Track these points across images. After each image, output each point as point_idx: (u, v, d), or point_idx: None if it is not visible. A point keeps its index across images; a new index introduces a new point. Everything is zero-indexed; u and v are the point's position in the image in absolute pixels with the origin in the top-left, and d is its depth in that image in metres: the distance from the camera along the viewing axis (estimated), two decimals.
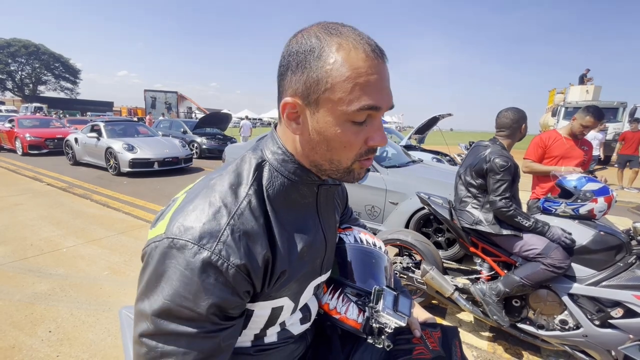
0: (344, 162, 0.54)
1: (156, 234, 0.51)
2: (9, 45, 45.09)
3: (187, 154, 8.13)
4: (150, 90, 27.26)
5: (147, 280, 0.49)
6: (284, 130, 0.57)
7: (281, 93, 0.54)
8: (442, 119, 7.66)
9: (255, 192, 0.54)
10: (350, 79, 0.47)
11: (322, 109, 0.50)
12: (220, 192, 0.53)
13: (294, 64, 0.50)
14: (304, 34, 0.51)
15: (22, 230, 3.71)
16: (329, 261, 0.70)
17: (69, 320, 2.15)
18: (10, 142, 10.30)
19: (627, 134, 7.55)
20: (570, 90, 14.29)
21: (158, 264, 0.48)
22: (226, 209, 0.51)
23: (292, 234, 0.57)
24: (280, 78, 0.54)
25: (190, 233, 0.48)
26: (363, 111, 0.48)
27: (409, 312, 0.68)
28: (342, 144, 0.51)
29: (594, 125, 2.48)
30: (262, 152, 0.59)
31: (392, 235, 2.40)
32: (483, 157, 1.91)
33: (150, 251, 0.50)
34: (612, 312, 1.63)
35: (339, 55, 0.47)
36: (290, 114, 0.52)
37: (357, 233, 0.82)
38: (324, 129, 0.51)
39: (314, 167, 0.57)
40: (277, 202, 0.56)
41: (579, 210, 1.85)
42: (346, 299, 0.73)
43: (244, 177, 0.55)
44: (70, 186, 5.98)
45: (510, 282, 1.82)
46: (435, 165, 4.89)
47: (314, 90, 0.49)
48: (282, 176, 0.56)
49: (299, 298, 0.62)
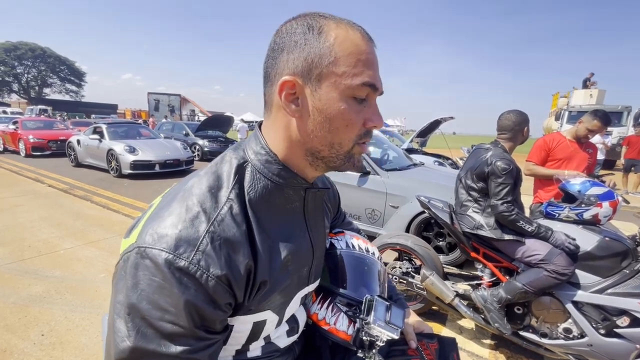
0: (345, 145, 0.51)
1: (128, 244, 0.47)
2: (15, 49, 45.69)
3: (188, 156, 8.14)
4: (154, 92, 27.46)
5: (120, 297, 0.45)
6: (272, 124, 0.54)
7: (274, 77, 0.51)
8: (444, 123, 7.62)
9: (237, 196, 0.50)
10: (353, 54, 0.48)
11: (324, 84, 0.48)
12: (198, 196, 0.49)
13: (290, 43, 0.49)
14: (297, 19, 0.51)
15: (21, 231, 3.71)
16: (317, 269, 0.66)
17: (63, 324, 2.12)
18: (14, 144, 10.37)
19: (631, 138, 7.47)
20: (573, 94, 14.21)
21: (130, 277, 0.44)
22: (205, 215, 0.47)
23: (275, 242, 0.53)
24: (271, 62, 0.51)
25: (164, 241, 0.44)
26: (365, 87, 0.49)
27: (402, 324, 0.64)
28: (345, 121, 0.49)
29: (601, 130, 2.43)
30: (244, 151, 0.55)
31: (392, 239, 2.36)
32: (484, 160, 1.87)
33: (122, 264, 0.46)
34: (618, 320, 1.58)
35: (339, 32, 0.48)
36: (288, 95, 0.50)
37: (350, 238, 0.78)
38: (326, 105, 0.49)
39: (310, 157, 0.53)
40: (259, 207, 0.52)
41: (583, 215, 1.81)
42: (336, 309, 0.69)
43: (224, 180, 0.51)
44: (71, 188, 5.99)
45: (512, 288, 1.77)
46: (436, 169, 4.85)
47: (316, 65, 0.48)
48: (265, 178, 0.53)
49: (284, 310, 0.59)
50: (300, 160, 0.54)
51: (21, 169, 7.80)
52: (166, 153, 7.68)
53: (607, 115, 2.43)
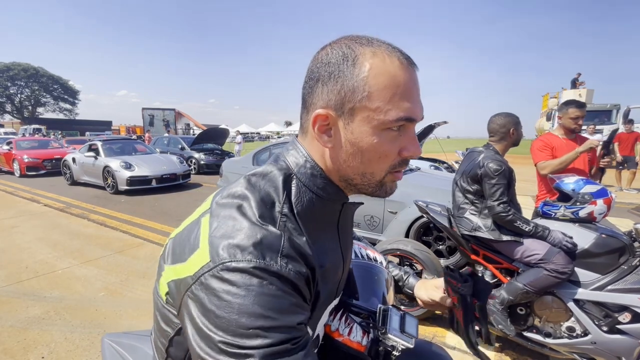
0: (377, 175, 0.51)
1: (198, 266, 0.44)
2: (8, 69, 45.78)
3: (185, 170, 8.12)
4: (148, 108, 27.61)
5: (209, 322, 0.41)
6: (310, 145, 0.54)
7: (310, 106, 0.51)
8: (438, 127, 7.70)
9: (290, 210, 0.50)
10: (388, 88, 0.46)
11: (357, 119, 0.48)
12: (256, 210, 0.47)
13: (325, 74, 0.48)
14: (333, 45, 0.50)
15: (17, 253, 3.66)
16: (343, 283, 0.66)
17: (63, 345, 2.08)
18: (8, 164, 10.30)
19: (621, 136, 7.59)
20: (563, 94, 14.48)
21: (222, 295, 0.41)
22: (273, 224, 0.47)
23: (319, 254, 0.52)
24: (307, 91, 0.51)
25: (248, 252, 0.42)
26: (400, 121, 0.47)
27: (417, 333, 0.63)
28: (378, 154, 0.49)
29: (582, 113, 2.41)
30: (286, 163, 0.54)
31: (392, 245, 2.36)
32: (477, 162, 1.91)
33: (200, 287, 0.42)
34: (620, 317, 1.59)
35: (375, 62, 0.46)
36: (321, 127, 0.50)
37: (358, 248, 0.78)
38: (359, 139, 0.48)
39: (343, 182, 0.54)
40: (305, 220, 0.51)
41: (578, 214, 1.83)
42: (349, 320, 0.68)
43: (274, 194, 0.50)
44: (67, 206, 5.94)
45: (513, 289, 1.78)
46: (433, 173, 4.88)
47: (349, 99, 0.47)
48: (311, 192, 0.53)
49: (316, 325, 0.57)
50: (337, 181, 0.55)
51: (16, 190, 7.73)
52: (162, 168, 7.66)
53: (574, 100, 2.49)
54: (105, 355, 0.75)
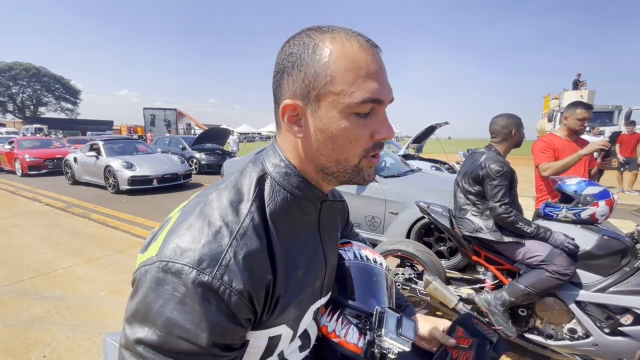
0: (352, 160, 0.51)
1: (147, 257, 0.47)
2: (10, 69, 45.88)
3: (186, 169, 8.13)
4: (150, 108, 27.66)
5: (135, 309, 0.44)
6: (284, 140, 0.55)
7: (279, 99, 0.52)
8: (439, 128, 7.70)
9: (258, 209, 0.50)
10: (350, 70, 0.46)
11: (324, 105, 0.48)
12: (219, 210, 0.48)
13: (289, 65, 0.49)
14: (295, 37, 0.50)
15: (18, 252, 3.67)
16: (329, 283, 0.66)
17: (64, 344, 2.09)
18: (10, 164, 10.33)
19: (623, 137, 7.57)
20: (564, 95, 14.44)
21: (149, 291, 0.43)
22: (227, 229, 0.46)
23: (292, 254, 0.52)
24: (276, 85, 0.52)
25: (187, 256, 0.43)
26: (367, 103, 0.47)
27: (414, 336, 0.63)
28: (349, 138, 0.49)
29: (589, 115, 2.42)
30: (263, 164, 0.55)
31: (393, 245, 2.36)
32: (478, 163, 1.90)
33: (140, 276, 0.45)
34: (622, 319, 1.59)
35: (334, 47, 0.47)
36: (290, 117, 0.50)
37: (357, 249, 0.78)
38: (328, 125, 0.48)
39: (320, 173, 0.54)
40: (278, 219, 0.51)
41: (580, 215, 1.83)
42: (346, 321, 0.68)
43: (245, 193, 0.51)
44: (68, 206, 5.95)
45: (515, 290, 1.78)
46: (434, 174, 4.88)
47: (313, 86, 0.47)
48: (285, 190, 0.53)
49: (298, 325, 0.57)
50: (313, 175, 0.55)
51: (18, 189, 7.75)
52: (164, 167, 7.67)
53: (581, 102, 2.47)
54: (107, 355, 0.75)
